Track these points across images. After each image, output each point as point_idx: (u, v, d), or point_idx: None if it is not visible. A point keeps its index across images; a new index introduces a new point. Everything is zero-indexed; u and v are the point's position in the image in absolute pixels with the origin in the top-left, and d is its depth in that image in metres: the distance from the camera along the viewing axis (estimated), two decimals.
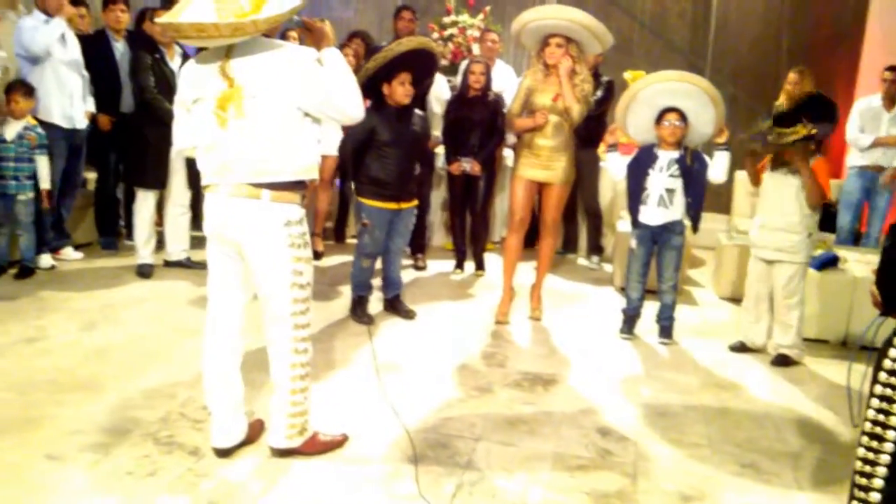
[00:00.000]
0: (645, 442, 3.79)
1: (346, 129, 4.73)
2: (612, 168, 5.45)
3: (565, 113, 5.26)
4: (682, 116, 5.04)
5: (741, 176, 7.23)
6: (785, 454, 3.74)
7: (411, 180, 5.37)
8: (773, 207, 4.97)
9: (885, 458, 2.38)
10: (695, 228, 5.21)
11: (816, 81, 7.15)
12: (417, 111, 5.38)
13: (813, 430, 4.05)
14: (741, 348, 5.22)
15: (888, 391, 2.37)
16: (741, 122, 8.44)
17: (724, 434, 3.93)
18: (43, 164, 5.83)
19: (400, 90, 5.11)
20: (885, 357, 2.39)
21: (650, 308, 5.40)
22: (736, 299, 6.31)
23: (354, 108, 3.17)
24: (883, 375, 2.39)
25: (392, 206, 5.24)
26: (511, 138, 7.27)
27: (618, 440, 3.78)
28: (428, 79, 5.61)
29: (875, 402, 2.40)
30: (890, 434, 2.37)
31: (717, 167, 5.07)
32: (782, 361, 4.98)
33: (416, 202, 5.46)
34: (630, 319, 5.37)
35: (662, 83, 5.04)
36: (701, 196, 5.12)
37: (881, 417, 2.38)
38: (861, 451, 2.43)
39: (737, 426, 4.04)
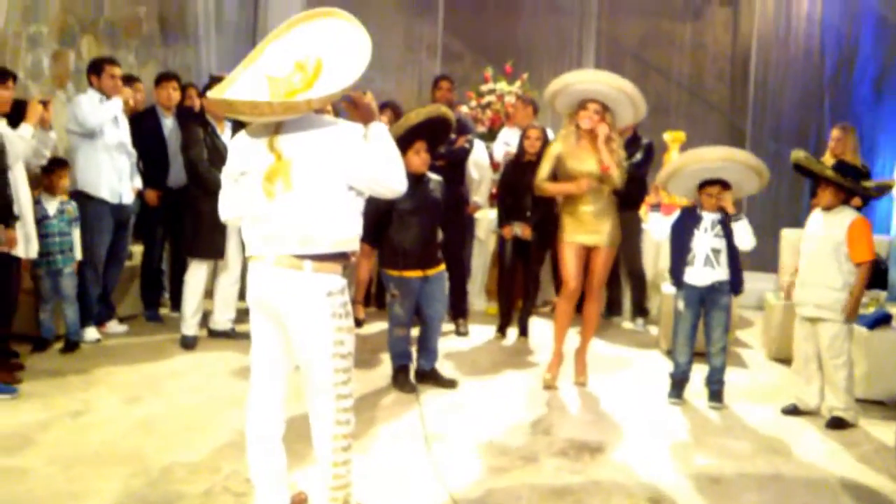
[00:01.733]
0: None
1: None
2: (655, 229, 5.41)
3: (604, 179, 5.24)
4: (725, 184, 5.01)
5: (788, 234, 7.12)
6: None
7: (435, 246, 5.37)
8: (812, 262, 4.96)
9: None
10: (736, 291, 5.17)
11: (860, 137, 7.08)
12: (433, 176, 5.40)
13: (869, 495, 3.90)
14: (794, 411, 5.09)
15: None
16: (784, 178, 8.38)
17: (778, 501, 3.80)
18: (77, 237, 5.94)
19: (416, 160, 5.15)
20: None
21: (698, 371, 5.29)
22: (786, 360, 6.15)
23: (399, 183, 3.19)
24: None
25: (418, 273, 5.24)
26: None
27: None
28: (444, 142, 5.67)
29: None
30: None
31: (741, 237, 5.05)
32: (836, 424, 4.84)
33: (443, 267, 5.45)
34: (678, 384, 5.26)
35: (706, 163, 5.02)
36: (737, 259, 5.09)
37: None
38: None
39: (791, 493, 3.91)
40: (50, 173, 5.84)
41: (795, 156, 5.05)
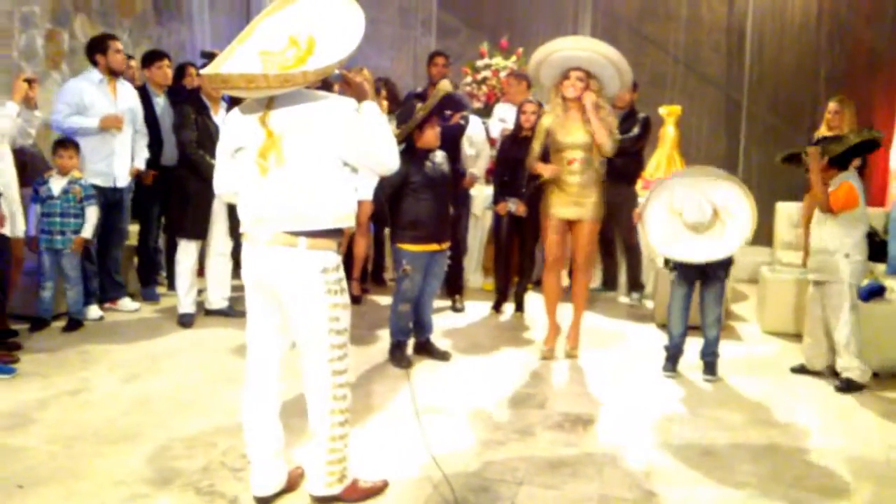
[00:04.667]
0: (691, 482, 3.71)
1: (382, 176, 4.84)
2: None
3: (594, 148, 5.23)
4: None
5: (783, 207, 7.15)
6: (836, 491, 3.65)
7: (447, 220, 5.39)
8: (814, 231, 5.21)
9: None
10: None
11: (856, 110, 7.07)
12: (439, 150, 5.42)
13: (864, 466, 3.93)
14: (801, 370, 5.33)
15: None
16: (779, 151, 8.37)
17: (773, 472, 3.83)
18: (92, 214, 5.93)
19: (431, 134, 5.23)
20: None
21: (693, 344, 5.32)
22: (781, 333, 6.20)
23: (391, 160, 3.20)
24: None
25: (432, 247, 5.26)
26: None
27: (663, 481, 3.70)
28: (439, 114, 5.74)
29: None
30: None
31: None
32: (845, 387, 5.00)
33: (449, 243, 5.48)
34: (673, 356, 5.29)
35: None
36: None
37: None
38: None
39: (785, 464, 3.95)
40: (55, 154, 5.85)
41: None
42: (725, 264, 5.13)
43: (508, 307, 6.82)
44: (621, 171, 6.93)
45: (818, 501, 3.55)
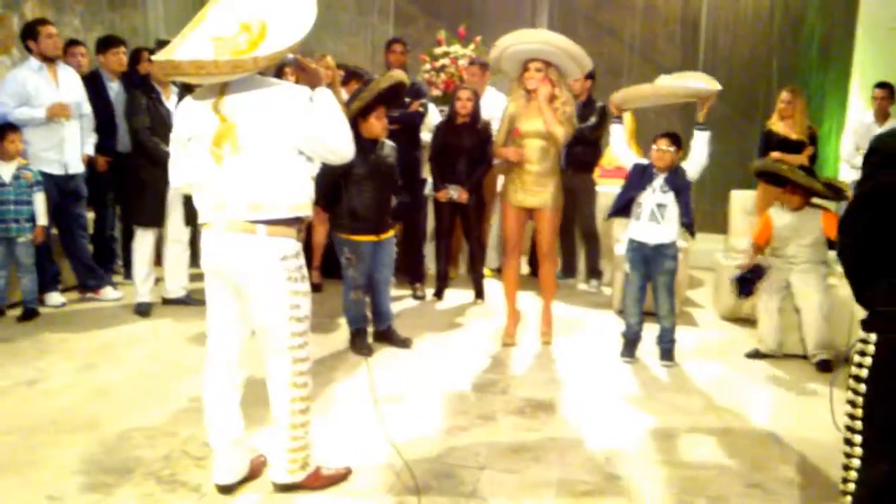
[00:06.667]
0: (650, 465, 3.77)
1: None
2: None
3: (550, 137, 5.28)
4: (674, 142, 5.10)
5: (737, 195, 7.24)
6: (790, 473, 3.73)
7: (388, 211, 5.40)
8: (796, 252, 5.51)
9: (856, 462, 2.47)
10: (691, 233, 5.27)
11: (808, 101, 7.19)
12: (388, 142, 5.41)
13: (816, 447, 4.02)
14: (756, 355, 5.49)
15: (851, 395, 2.49)
16: (732, 140, 8.51)
17: (728, 455, 3.91)
18: (40, 201, 5.83)
19: (377, 125, 5.19)
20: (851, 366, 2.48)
21: (651, 330, 5.39)
22: (736, 319, 6.31)
23: (345, 148, 3.19)
24: (851, 382, 2.50)
25: (372, 238, 5.26)
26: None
27: (623, 464, 3.76)
28: (395, 106, 5.73)
29: (847, 408, 2.53)
30: (857, 438, 2.47)
31: (695, 151, 5.16)
32: (823, 367, 5.22)
33: (393, 232, 5.50)
34: (630, 343, 5.36)
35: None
36: (688, 204, 5.15)
37: (849, 422, 2.51)
38: (843, 459, 2.57)
39: (741, 447, 4.02)
40: (1, 139, 5.71)
41: (761, 165, 5.70)
42: (672, 257, 5.19)
43: (450, 294, 6.83)
44: (580, 159, 7.00)
45: (773, 483, 3.63)
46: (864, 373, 2.38)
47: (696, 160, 5.13)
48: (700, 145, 5.12)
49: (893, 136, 2.36)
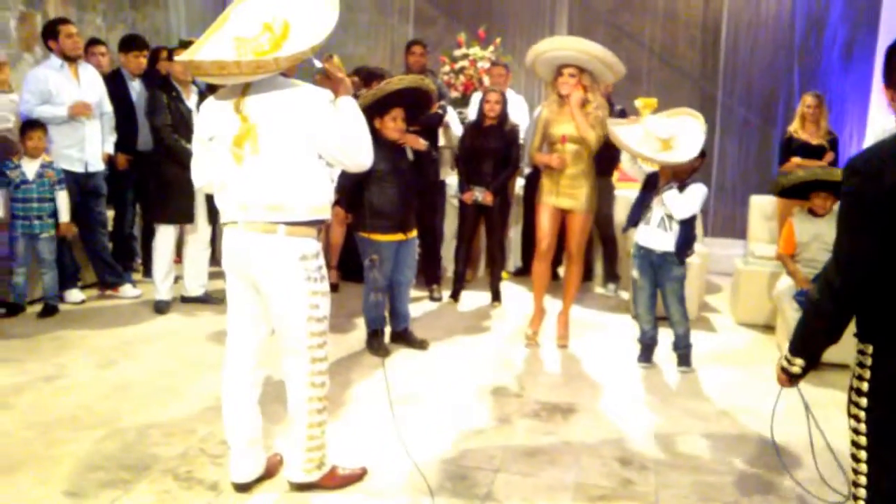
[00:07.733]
0: (666, 470, 3.76)
1: None
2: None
3: (583, 141, 5.31)
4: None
5: (756, 200, 7.21)
6: (807, 476, 3.70)
7: (413, 209, 5.40)
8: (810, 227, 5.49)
9: (864, 468, 2.45)
10: (681, 260, 5.12)
11: (829, 105, 7.15)
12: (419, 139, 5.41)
13: (833, 455, 3.99)
14: None
15: (853, 409, 2.47)
16: (753, 144, 8.47)
17: (746, 460, 3.90)
18: (63, 198, 5.90)
19: (391, 125, 5.17)
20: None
21: (667, 335, 5.37)
22: (753, 325, 6.28)
23: (364, 157, 3.20)
24: (853, 395, 2.47)
25: (398, 236, 5.27)
26: (525, 168, 7.29)
27: (638, 469, 3.75)
28: (423, 112, 5.67)
29: (851, 423, 2.49)
30: (862, 439, 2.44)
31: (680, 204, 5.00)
32: None
33: (416, 231, 5.50)
34: (647, 348, 5.34)
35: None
36: (686, 229, 5.05)
37: (854, 437, 2.47)
38: (853, 463, 2.51)
39: (758, 451, 4.01)
40: (24, 136, 5.78)
41: (787, 182, 5.57)
42: (679, 264, 5.14)
43: (466, 297, 6.84)
44: (598, 162, 6.97)
45: (790, 488, 3.61)
46: (865, 386, 2.37)
47: (679, 210, 5.02)
48: (683, 201, 5.01)
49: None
